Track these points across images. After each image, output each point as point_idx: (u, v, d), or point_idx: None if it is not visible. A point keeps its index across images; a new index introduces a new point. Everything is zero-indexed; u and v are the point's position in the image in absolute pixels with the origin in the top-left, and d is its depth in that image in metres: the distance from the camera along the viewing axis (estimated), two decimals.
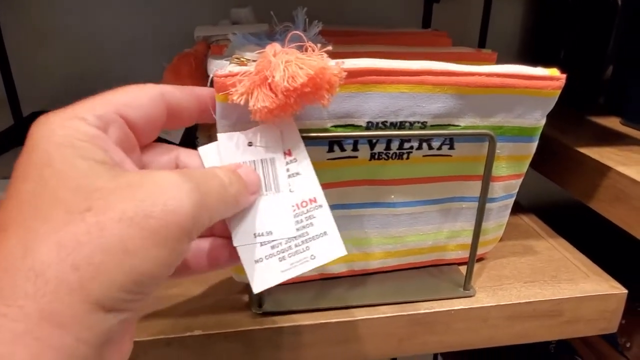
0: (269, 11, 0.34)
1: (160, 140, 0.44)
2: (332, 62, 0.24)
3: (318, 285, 0.36)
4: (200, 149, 0.26)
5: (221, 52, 0.37)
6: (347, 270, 0.36)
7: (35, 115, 0.61)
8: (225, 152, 0.26)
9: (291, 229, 0.27)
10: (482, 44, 0.68)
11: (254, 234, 0.26)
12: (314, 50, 0.25)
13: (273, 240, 0.26)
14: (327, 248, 0.27)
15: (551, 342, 0.66)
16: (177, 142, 0.43)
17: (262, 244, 0.26)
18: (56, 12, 0.59)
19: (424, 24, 0.66)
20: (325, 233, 0.27)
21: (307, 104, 0.24)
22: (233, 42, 0.31)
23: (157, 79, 0.62)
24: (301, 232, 0.27)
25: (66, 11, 0.60)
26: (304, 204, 0.28)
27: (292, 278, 0.33)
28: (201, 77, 0.39)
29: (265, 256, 0.26)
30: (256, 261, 0.26)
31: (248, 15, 0.41)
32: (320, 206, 0.27)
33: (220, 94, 0.26)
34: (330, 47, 0.25)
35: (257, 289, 0.26)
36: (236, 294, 0.36)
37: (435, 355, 0.93)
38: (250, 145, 0.26)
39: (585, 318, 0.37)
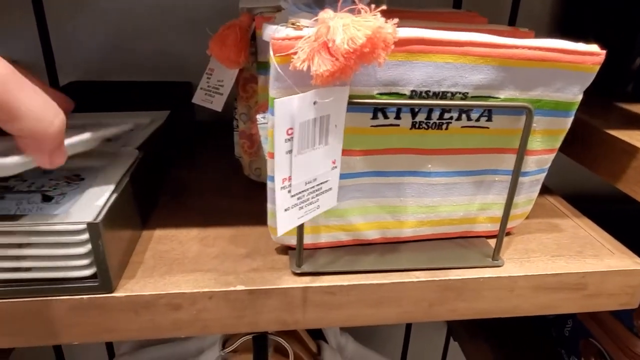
0: None
1: (201, 109, 0.46)
2: (384, 21, 0.26)
3: (352, 250, 0.37)
4: (277, 101, 0.27)
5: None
6: (380, 237, 0.38)
7: (72, 84, 0.63)
8: (298, 109, 0.27)
9: (330, 180, 0.30)
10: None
11: (305, 182, 0.28)
12: (367, 12, 0.26)
13: (314, 187, 0.30)
14: (328, 201, 0.32)
15: (566, 325, 0.67)
16: (219, 109, 0.44)
17: (292, 195, 0.29)
18: None
19: (454, 5, 0.67)
20: (330, 189, 0.31)
21: (365, 63, 0.26)
22: (286, 9, 0.32)
23: (189, 50, 0.64)
24: (320, 186, 0.30)
25: None
26: (334, 161, 0.30)
27: (328, 242, 0.35)
28: (245, 47, 0.40)
29: (292, 205, 0.29)
30: (285, 209, 0.29)
31: None
32: (336, 167, 0.31)
33: (277, 55, 0.27)
34: (384, 6, 0.26)
35: (281, 230, 0.30)
36: (275, 255, 0.37)
37: (447, 338, 0.95)
38: (314, 104, 0.27)
39: (608, 292, 0.39)
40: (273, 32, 0.28)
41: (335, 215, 0.35)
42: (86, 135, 0.35)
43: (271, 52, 0.27)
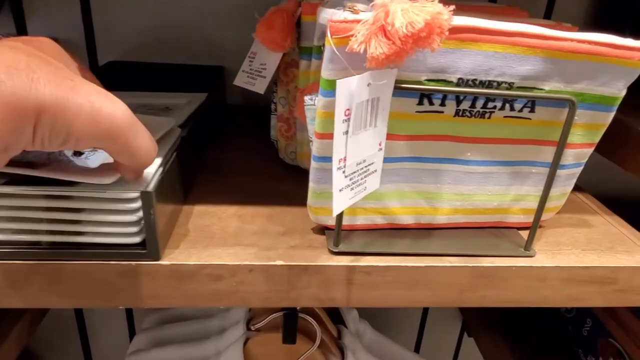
0: None
1: (245, 91, 0.47)
2: (443, 8, 0.26)
3: (387, 234, 0.38)
4: (339, 81, 0.28)
5: (315, 10, 0.40)
6: (414, 223, 0.39)
7: (111, 64, 0.65)
8: (356, 90, 0.28)
9: (376, 162, 0.31)
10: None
11: (356, 163, 0.29)
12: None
13: (363, 168, 0.31)
14: (373, 182, 0.33)
15: (585, 324, 0.67)
16: (262, 92, 0.45)
17: (346, 176, 0.30)
18: None
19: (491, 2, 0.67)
20: (376, 170, 0.32)
21: (420, 48, 0.26)
22: None
23: (224, 34, 0.65)
24: (368, 167, 0.31)
25: None
26: (380, 143, 0.31)
27: (364, 224, 0.37)
28: (291, 32, 0.41)
29: (345, 186, 0.30)
30: (340, 189, 0.30)
31: None
32: (382, 149, 0.32)
33: (334, 37, 0.28)
34: None
35: (336, 211, 0.31)
36: (312, 235, 0.38)
37: (461, 333, 0.95)
38: (368, 86, 0.28)
39: (637, 289, 0.39)
40: (330, 15, 0.29)
41: (372, 198, 0.36)
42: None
43: (328, 34, 0.28)
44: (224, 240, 0.37)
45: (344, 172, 0.30)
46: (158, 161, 0.36)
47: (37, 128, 0.24)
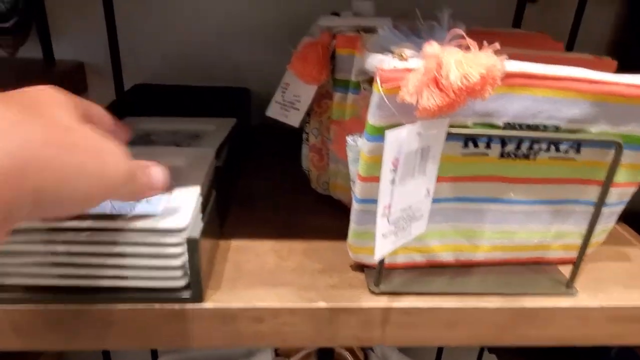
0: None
1: (278, 123, 0.46)
2: (497, 59, 0.26)
3: (425, 272, 0.38)
4: (388, 132, 0.27)
5: (350, 43, 0.40)
6: (453, 260, 0.38)
7: (137, 87, 0.65)
8: (406, 140, 0.28)
9: (422, 207, 0.31)
10: (570, 46, 0.68)
11: (401, 209, 0.29)
12: (476, 48, 0.26)
13: (408, 214, 0.31)
14: (418, 227, 0.33)
15: (612, 348, 0.67)
16: (297, 125, 0.45)
17: (390, 222, 0.30)
18: None
19: (514, 23, 0.66)
20: (422, 216, 0.32)
21: (472, 99, 0.26)
22: (381, 35, 0.33)
23: (248, 57, 0.65)
24: (414, 213, 0.31)
25: None
26: (428, 189, 0.31)
27: (404, 262, 0.36)
28: (326, 65, 0.41)
29: (389, 232, 0.30)
30: (383, 235, 0.30)
31: (370, 8, 0.43)
32: (429, 195, 0.32)
33: (384, 86, 0.28)
34: (498, 46, 0.26)
35: (379, 256, 0.31)
36: (350, 272, 0.38)
37: (481, 348, 0.95)
38: (418, 135, 0.28)
39: None
40: (378, 62, 0.29)
41: (414, 238, 0.36)
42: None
43: (378, 82, 0.28)
44: (263, 279, 0.37)
45: (388, 218, 0.30)
46: (197, 197, 0.36)
47: (35, 197, 0.22)
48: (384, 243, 0.30)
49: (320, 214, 0.46)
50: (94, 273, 0.33)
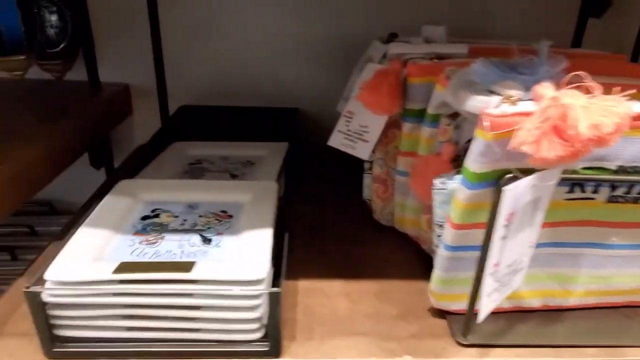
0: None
1: (347, 155, 0.44)
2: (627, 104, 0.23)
3: (513, 318, 0.35)
4: (507, 190, 0.25)
5: (423, 72, 0.37)
6: (541, 305, 0.36)
7: (183, 109, 0.64)
8: (522, 194, 0.25)
9: (525, 259, 0.29)
10: (634, 61, 0.65)
11: (507, 265, 0.27)
12: (599, 90, 0.24)
13: (512, 270, 0.29)
14: (518, 280, 0.30)
15: None
16: (366, 157, 0.43)
17: (496, 280, 0.27)
18: (211, 9, 0.61)
19: (574, 40, 0.63)
20: (522, 268, 0.30)
21: (598, 148, 0.24)
22: (474, 70, 0.30)
23: (297, 77, 0.63)
24: (516, 266, 0.29)
25: (220, 9, 0.61)
26: (532, 241, 0.28)
27: None
28: (399, 95, 0.39)
29: (494, 289, 0.27)
30: (488, 294, 0.27)
31: (442, 33, 0.41)
32: (532, 246, 0.29)
33: (492, 133, 0.25)
34: (634, 90, 0.24)
35: (482, 317, 0.29)
36: (430, 318, 0.35)
37: None
38: (533, 187, 0.25)
39: None
40: (483, 105, 0.26)
41: None
42: None
43: (485, 127, 0.25)
44: (338, 327, 0.34)
45: (495, 276, 0.27)
46: (270, 241, 0.34)
47: None
48: (489, 302, 0.27)
49: (384, 245, 0.44)
50: (165, 325, 0.31)
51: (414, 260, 0.42)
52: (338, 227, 0.47)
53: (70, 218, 0.66)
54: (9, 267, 0.57)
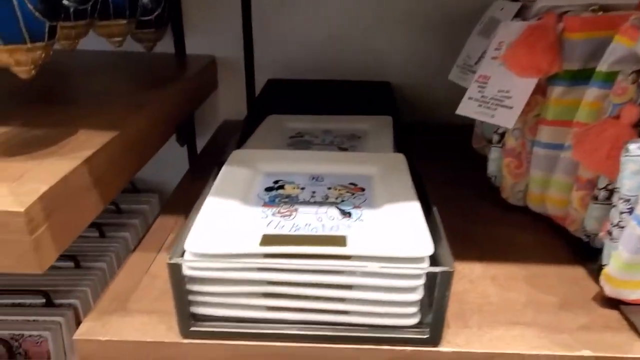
0: None
1: (446, 131, 0.38)
2: None
3: None
4: None
5: (586, 26, 0.32)
6: None
7: (272, 82, 0.60)
8: None
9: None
10: None
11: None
12: None
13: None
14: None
15: None
16: (510, 126, 0.38)
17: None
18: None
19: None
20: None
21: None
22: None
23: (388, 49, 0.59)
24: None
25: None
26: None
27: None
28: (557, 53, 0.34)
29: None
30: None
31: None
32: None
33: None
34: None
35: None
36: (601, 308, 0.31)
37: None
38: None
39: None
40: None
41: None
42: None
43: None
44: (494, 315, 0.30)
45: None
46: (415, 207, 0.30)
47: None
48: None
49: (518, 227, 0.40)
50: (310, 306, 0.27)
51: (557, 243, 0.38)
52: (458, 204, 0.42)
53: (153, 196, 0.65)
54: (98, 243, 0.55)
